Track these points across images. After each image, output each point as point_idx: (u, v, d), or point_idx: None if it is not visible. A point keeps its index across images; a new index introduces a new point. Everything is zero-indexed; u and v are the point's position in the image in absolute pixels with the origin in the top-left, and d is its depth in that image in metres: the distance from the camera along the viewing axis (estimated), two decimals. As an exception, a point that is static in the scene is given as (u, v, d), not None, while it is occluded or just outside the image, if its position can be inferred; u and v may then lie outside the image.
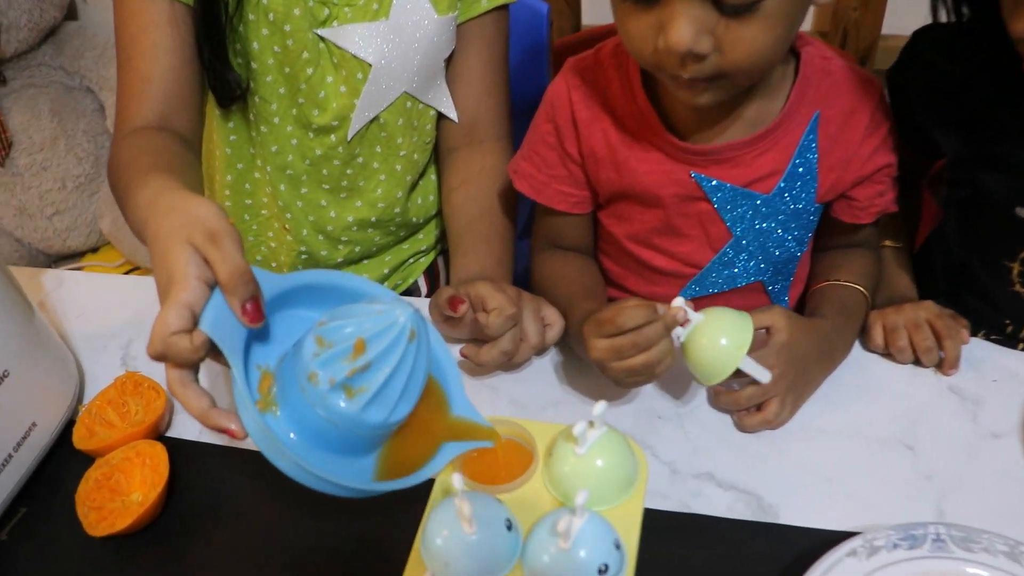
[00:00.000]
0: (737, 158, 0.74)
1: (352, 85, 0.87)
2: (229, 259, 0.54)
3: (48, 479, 0.73)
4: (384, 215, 0.98)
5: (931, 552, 0.58)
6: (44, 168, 1.79)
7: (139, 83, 0.80)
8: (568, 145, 0.80)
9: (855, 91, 0.74)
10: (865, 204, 0.78)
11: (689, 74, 0.63)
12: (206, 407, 0.54)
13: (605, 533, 0.53)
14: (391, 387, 0.52)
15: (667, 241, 0.80)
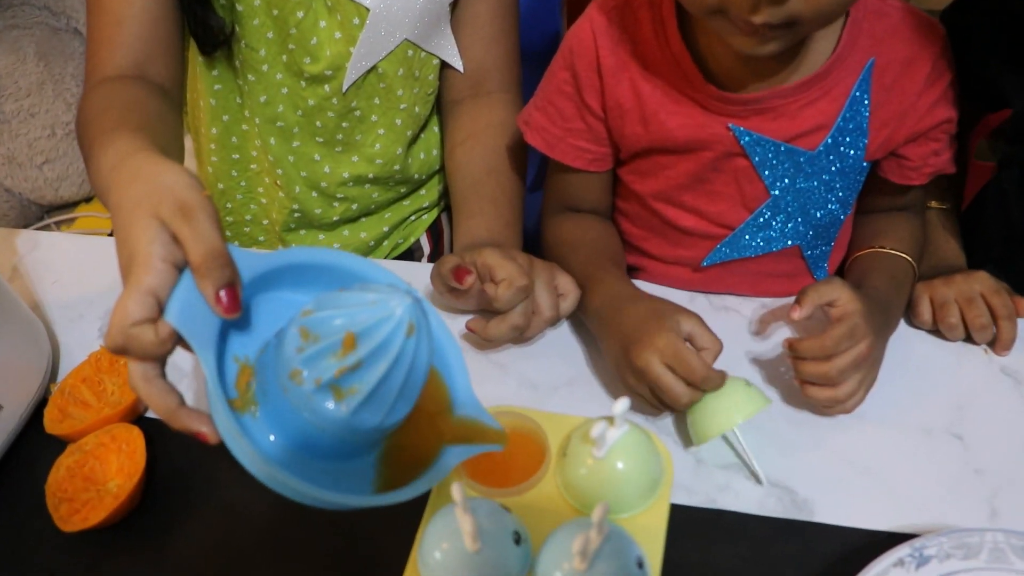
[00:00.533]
0: (780, 108, 0.67)
1: (348, 31, 0.80)
2: (203, 238, 0.47)
3: (17, 466, 0.68)
4: (383, 171, 0.91)
5: (988, 563, 0.52)
6: (32, 115, 1.73)
7: (110, 27, 0.72)
8: (589, 96, 0.72)
9: (915, 36, 0.67)
10: (918, 164, 0.71)
11: (762, 19, 0.55)
12: (173, 406, 0.48)
13: (627, 550, 0.47)
14: (386, 388, 0.45)
15: (697, 199, 0.74)
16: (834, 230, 0.77)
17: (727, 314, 0.74)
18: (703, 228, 0.75)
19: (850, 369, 0.61)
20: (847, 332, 0.61)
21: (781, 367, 0.69)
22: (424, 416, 0.51)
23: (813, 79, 0.66)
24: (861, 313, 0.61)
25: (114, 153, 0.55)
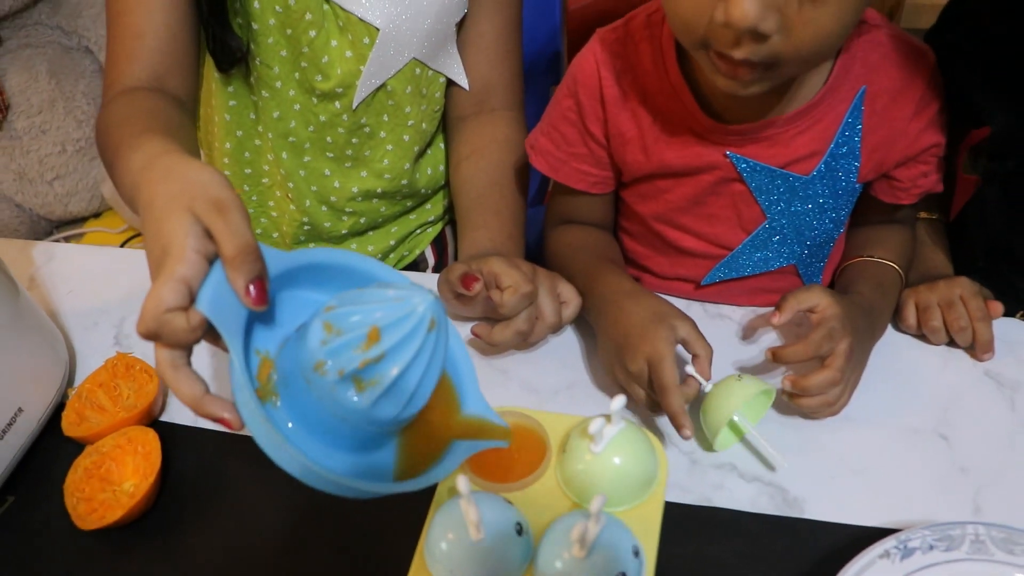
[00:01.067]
0: (775, 136, 0.69)
1: (358, 50, 0.83)
2: (236, 232, 0.49)
3: (36, 467, 0.70)
4: (390, 186, 0.94)
5: (969, 554, 0.54)
6: (43, 131, 1.76)
7: (130, 40, 0.75)
8: (592, 124, 0.75)
9: (905, 64, 0.69)
10: (908, 185, 0.73)
11: (743, 55, 0.57)
12: (199, 394, 0.49)
13: (623, 539, 0.49)
14: (406, 381, 0.47)
15: (696, 222, 0.76)
16: (827, 248, 0.79)
17: (721, 321, 0.77)
18: (703, 249, 0.78)
19: (838, 374, 0.63)
20: (826, 334, 0.63)
21: (770, 371, 0.72)
22: (435, 415, 0.53)
23: (806, 108, 0.68)
24: (839, 317, 0.64)
25: (144, 153, 0.58)
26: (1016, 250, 0.75)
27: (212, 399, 0.50)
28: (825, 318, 0.64)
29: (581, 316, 0.75)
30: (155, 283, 0.48)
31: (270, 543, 0.64)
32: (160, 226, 0.50)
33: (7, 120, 1.74)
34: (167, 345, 0.49)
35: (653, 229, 0.79)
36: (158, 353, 0.49)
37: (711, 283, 0.79)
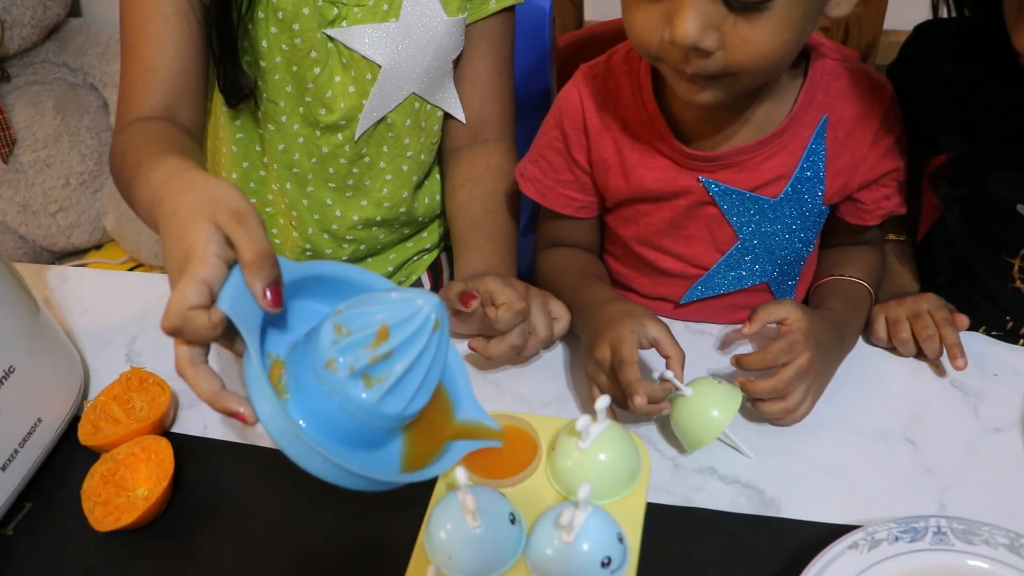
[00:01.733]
0: (744, 162, 0.74)
1: (361, 85, 0.87)
2: (255, 240, 0.53)
3: (53, 475, 0.73)
4: (389, 214, 0.98)
5: (932, 545, 0.58)
6: (48, 165, 1.80)
7: (144, 72, 0.78)
8: (576, 152, 0.80)
9: (865, 95, 0.74)
10: (871, 207, 0.78)
11: (692, 70, 0.63)
12: (216, 389, 0.53)
13: (608, 526, 0.53)
14: (410, 377, 0.51)
15: (674, 243, 0.81)
16: (798, 267, 0.84)
17: (701, 336, 0.81)
18: (681, 269, 0.82)
19: (794, 380, 0.68)
20: (786, 347, 0.67)
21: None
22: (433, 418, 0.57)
23: (772, 136, 0.73)
24: (803, 330, 0.68)
25: (166, 169, 0.62)
26: (975, 268, 0.80)
27: (228, 394, 0.53)
28: (791, 331, 0.68)
29: (571, 333, 0.79)
30: (179, 283, 0.51)
31: (277, 544, 0.67)
32: (183, 233, 0.53)
33: (13, 154, 1.78)
34: (188, 342, 0.52)
35: (635, 251, 0.83)
36: (178, 350, 0.53)
37: (689, 301, 0.84)
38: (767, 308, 0.69)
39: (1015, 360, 0.76)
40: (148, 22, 0.78)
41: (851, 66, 0.75)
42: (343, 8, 0.84)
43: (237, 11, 0.80)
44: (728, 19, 0.60)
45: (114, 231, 1.87)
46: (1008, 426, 0.71)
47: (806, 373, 0.68)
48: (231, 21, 0.80)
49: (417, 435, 0.57)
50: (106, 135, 1.87)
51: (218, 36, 0.81)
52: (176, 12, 0.78)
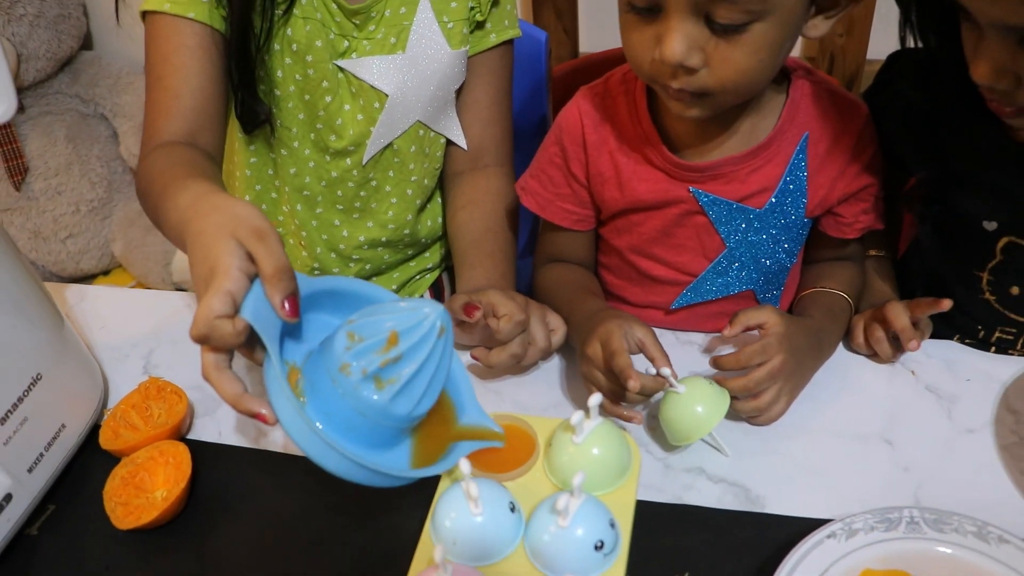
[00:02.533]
0: (731, 174, 0.79)
1: (369, 113, 0.92)
2: (274, 255, 0.57)
3: (75, 478, 0.77)
4: (394, 235, 1.02)
5: (905, 533, 0.62)
6: (59, 192, 1.85)
7: (168, 100, 0.83)
8: (575, 167, 0.85)
9: (842, 115, 0.80)
10: (851, 220, 0.83)
11: (679, 85, 0.68)
12: (239, 391, 0.57)
13: (601, 512, 0.57)
14: (419, 380, 0.55)
15: (665, 251, 0.85)
16: (782, 276, 0.88)
17: (690, 347, 0.85)
18: (671, 276, 0.87)
19: (765, 380, 0.72)
20: (759, 349, 0.72)
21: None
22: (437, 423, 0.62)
23: (757, 149, 0.78)
24: (779, 334, 0.72)
25: (191, 193, 0.67)
26: (948, 282, 0.84)
27: (250, 397, 0.58)
28: (767, 335, 0.72)
29: (567, 344, 0.83)
30: (205, 295, 0.56)
31: (288, 542, 0.70)
32: (208, 250, 0.58)
33: (26, 182, 1.83)
34: (214, 348, 0.57)
35: (628, 260, 0.88)
36: (204, 357, 0.58)
37: (679, 307, 0.88)
38: (747, 312, 0.74)
39: (987, 366, 0.81)
40: (173, 54, 0.82)
41: (828, 88, 0.80)
42: (353, 41, 0.89)
43: (255, 44, 0.85)
44: (711, 40, 0.66)
45: (122, 257, 1.91)
46: (980, 427, 0.75)
47: (778, 375, 0.72)
48: (250, 53, 0.85)
49: (424, 437, 0.61)
50: (116, 163, 1.92)
51: (237, 67, 0.85)
52: (200, 45, 0.83)
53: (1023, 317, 0.81)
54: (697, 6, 0.64)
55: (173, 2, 0.82)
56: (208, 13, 0.83)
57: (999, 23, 0.59)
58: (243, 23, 0.83)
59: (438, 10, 0.91)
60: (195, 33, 0.83)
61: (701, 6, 0.64)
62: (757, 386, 0.72)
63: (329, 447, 0.53)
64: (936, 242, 0.84)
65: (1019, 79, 0.62)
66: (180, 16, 0.82)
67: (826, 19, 0.70)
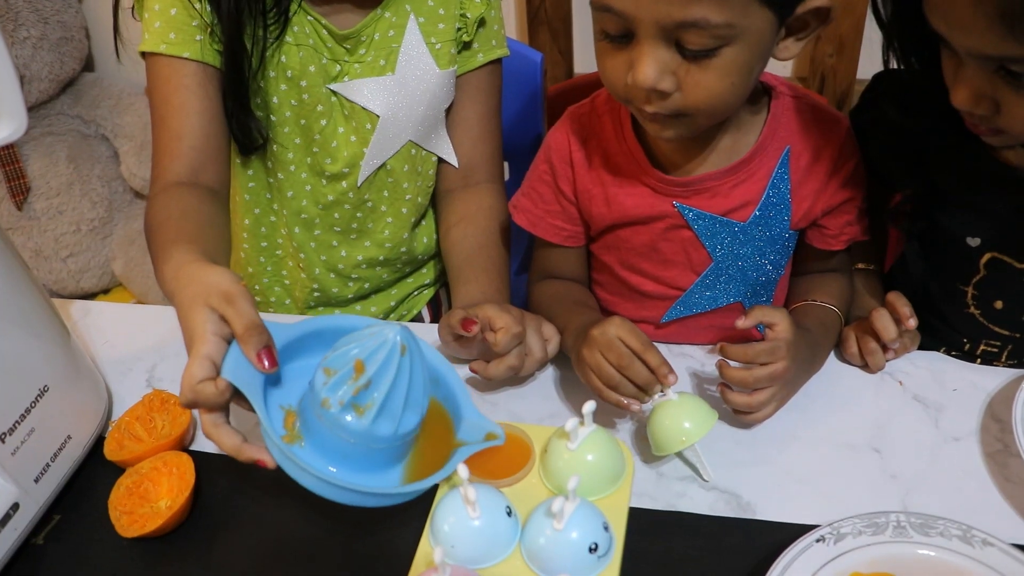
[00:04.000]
0: (715, 188, 0.81)
1: (361, 135, 0.95)
2: (243, 314, 0.62)
3: (80, 488, 0.78)
4: (391, 254, 1.05)
5: (892, 537, 0.64)
6: (60, 212, 1.87)
7: (171, 141, 0.86)
8: (563, 184, 0.87)
9: (823, 129, 0.82)
10: (835, 232, 0.85)
11: (653, 109, 0.71)
12: (239, 443, 0.62)
13: (595, 516, 0.59)
14: (393, 399, 0.59)
15: (653, 266, 0.87)
16: (770, 288, 0.90)
17: (683, 359, 0.87)
18: (660, 291, 0.89)
19: (764, 380, 0.73)
20: (769, 348, 0.73)
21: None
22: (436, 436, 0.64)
23: (739, 164, 0.80)
24: (788, 341, 0.74)
25: (174, 264, 0.71)
26: (934, 295, 0.86)
27: (249, 446, 0.63)
28: (777, 336, 0.74)
29: (561, 360, 0.85)
30: (187, 365, 0.61)
31: (289, 549, 0.72)
32: (187, 321, 0.64)
33: (27, 202, 1.86)
34: (205, 410, 0.62)
35: (619, 277, 0.90)
36: (202, 417, 0.63)
37: (669, 321, 0.90)
38: (764, 309, 0.75)
39: (972, 376, 0.83)
40: (173, 94, 0.86)
41: (809, 103, 0.83)
42: (345, 65, 0.92)
43: (248, 67, 0.87)
44: (683, 65, 0.68)
45: (123, 275, 1.93)
46: (966, 435, 0.77)
47: (778, 378, 0.74)
48: (243, 77, 0.88)
49: (424, 452, 0.64)
50: (116, 183, 1.95)
51: (231, 92, 0.88)
52: (198, 83, 0.86)
53: (1007, 330, 0.83)
54: (667, 32, 0.66)
55: (169, 43, 0.85)
56: (201, 50, 0.86)
57: (977, 52, 0.62)
58: (233, 48, 0.86)
59: (426, 32, 0.93)
60: (192, 72, 0.86)
61: (671, 32, 0.66)
62: (756, 383, 0.73)
63: (323, 481, 0.57)
64: (922, 258, 0.86)
65: (997, 105, 0.64)
66: (176, 56, 0.85)
67: (796, 41, 0.72)
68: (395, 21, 0.92)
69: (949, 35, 0.63)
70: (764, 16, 0.66)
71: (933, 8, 0.63)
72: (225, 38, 0.86)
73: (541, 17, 1.74)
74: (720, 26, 0.64)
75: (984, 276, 0.81)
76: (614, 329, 0.73)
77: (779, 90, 0.82)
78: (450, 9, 0.94)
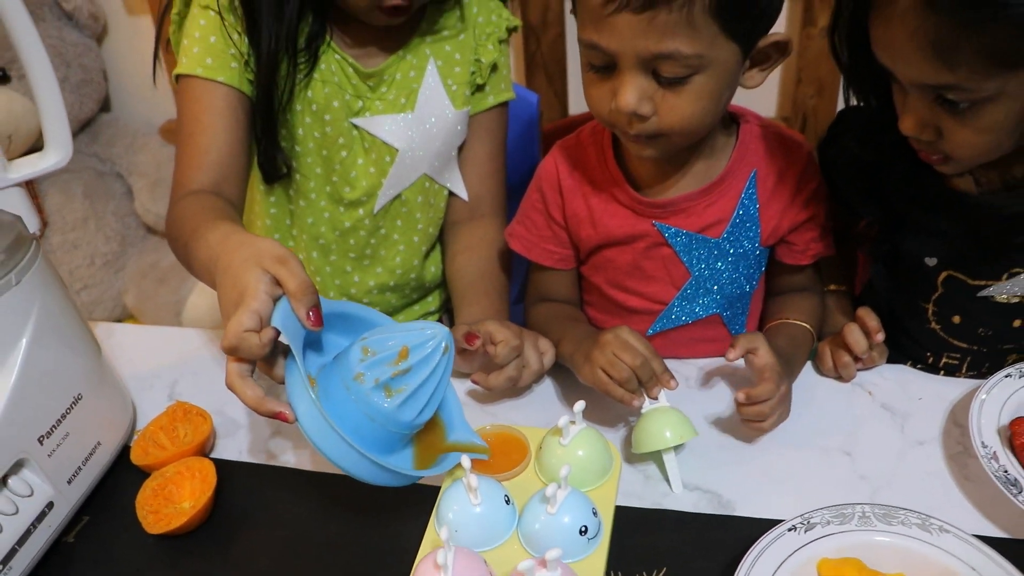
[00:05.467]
0: (690, 208, 0.89)
1: (380, 166, 1.02)
2: (297, 275, 0.66)
3: (107, 492, 0.84)
4: (401, 280, 1.12)
5: (858, 526, 0.70)
6: (75, 246, 1.94)
7: (198, 154, 0.92)
8: (553, 210, 0.95)
9: (786, 154, 0.90)
10: (802, 248, 0.93)
11: (634, 131, 0.79)
12: (261, 395, 0.66)
13: (584, 502, 0.65)
14: (423, 390, 0.64)
15: (637, 283, 0.95)
16: (745, 301, 0.97)
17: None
18: (645, 306, 0.96)
19: (777, 406, 0.80)
20: (777, 379, 0.80)
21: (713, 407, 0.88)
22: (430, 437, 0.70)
23: (711, 186, 0.88)
24: (773, 366, 0.80)
25: (221, 232, 0.76)
26: (898, 313, 0.93)
27: (271, 400, 0.66)
28: (767, 364, 0.80)
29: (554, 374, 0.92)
30: (235, 313, 0.65)
31: (303, 546, 0.77)
32: (237, 279, 0.67)
33: (44, 236, 1.92)
34: (240, 359, 0.65)
35: (607, 295, 0.97)
36: (230, 366, 0.66)
37: (654, 334, 0.97)
38: (746, 337, 0.82)
39: (936, 387, 0.89)
40: (204, 113, 0.92)
41: (773, 130, 0.91)
42: (367, 101, 0.99)
43: (278, 102, 0.95)
44: (659, 91, 0.76)
45: (134, 308, 2.00)
46: (929, 440, 0.83)
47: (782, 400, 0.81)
48: (274, 110, 0.95)
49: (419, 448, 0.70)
50: (130, 219, 2.02)
51: (261, 123, 0.96)
52: (228, 106, 0.93)
53: (965, 343, 0.90)
54: (646, 63, 0.74)
55: (206, 67, 0.92)
56: (237, 77, 0.93)
57: (917, 82, 0.70)
58: (268, 84, 0.93)
59: (443, 74, 1.01)
60: (224, 95, 0.93)
61: (649, 63, 0.74)
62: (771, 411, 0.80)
63: (341, 440, 0.61)
64: (887, 278, 0.93)
65: (939, 131, 0.72)
66: (211, 80, 0.92)
67: (761, 71, 0.81)
68: (415, 63, 1.00)
69: (893, 67, 0.70)
70: (730, 48, 0.75)
71: (878, 44, 0.70)
72: (261, 74, 0.93)
73: (538, 61, 1.84)
74: (691, 56, 0.73)
75: (942, 293, 0.88)
76: (626, 334, 0.81)
77: (747, 118, 0.90)
78: (466, 54, 1.02)
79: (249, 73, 0.94)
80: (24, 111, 1.76)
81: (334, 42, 0.97)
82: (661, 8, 0.71)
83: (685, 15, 0.71)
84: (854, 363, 0.89)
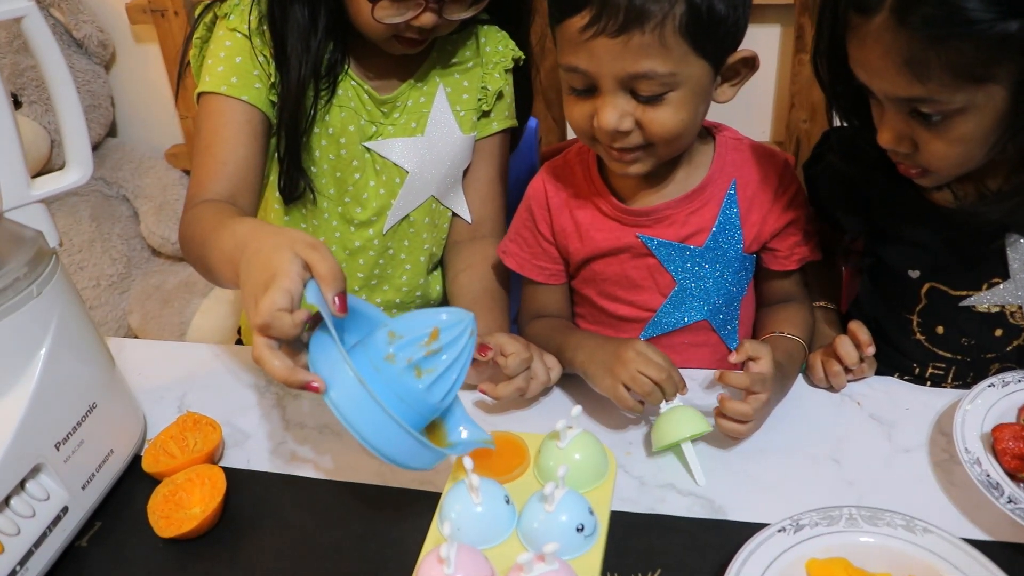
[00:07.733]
0: (671, 217, 0.93)
1: (390, 188, 1.06)
2: (328, 260, 0.69)
3: (119, 499, 0.87)
4: (407, 297, 1.15)
5: (845, 527, 0.72)
6: (81, 268, 1.97)
7: (216, 165, 0.96)
8: (542, 227, 0.99)
9: (763, 163, 0.95)
10: (787, 253, 0.97)
11: (618, 146, 0.83)
12: (290, 366, 0.66)
13: (581, 502, 0.68)
14: (452, 370, 0.67)
15: (626, 292, 0.98)
16: (733, 307, 1.00)
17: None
18: (634, 314, 0.99)
19: (754, 408, 0.83)
20: (760, 379, 0.83)
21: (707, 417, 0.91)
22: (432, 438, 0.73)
23: (692, 195, 0.92)
24: (771, 374, 0.84)
25: (248, 224, 0.79)
26: (884, 325, 0.96)
27: (300, 370, 0.67)
28: (763, 370, 0.83)
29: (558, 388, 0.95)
30: (268, 292, 0.66)
31: (311, 550, 0.79)
32: (269, 261, 0.69)
33: (53, 257, 1.95)
34: (271, 337, 0.67)
35: (598, 306, 1.01)
36: (257, 339, 0.67)
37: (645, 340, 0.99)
38: (751, 343, 0.85)
39: (922, 397, 0.92)
40: (224, 128, 0.96)
41: (748, 142, 0.96)
42: (380, 126, 1.04)
43: (304, 125, 0.99)
44: (639, 108, 0.81)
45: (139, 328, 2.03)
46: (916, 447, 0.86)
47: (763, 406, 0.84)
48: (299, 133, 0.99)
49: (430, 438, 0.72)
50: (135, 241, 2.06)
51: (287, 145, 0.99)
52: (248, 122, 0.97)
53: (950, 353, 0.93)
54: (624, 83, 0.79)
55: (230, 85, 0.96)
56: (260, 98, 0.97)
57: (892, 96, 0.73)
58: (295, 109, 0.97)
59: (452, 100, 1.06)
60: (245, 112, 0.97)
61: (627, 83, 0.79)
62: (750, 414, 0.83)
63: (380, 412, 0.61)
64: (872, 291, 0.97)
65: (915, 144, 0.76)
66: (235, 97, 0.96)
67: (731, 86, 0.86)
68: (426, 90, 1.05)
69: (870, 83, 0.74)
70: (701, 65, 0.80)
71: (856, 62, 0.75)
72: (288, 100, 0.97)
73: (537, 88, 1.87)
74: (665, 75, 0.78)
75: (925, 305, 0.91)
76: (645, 348, 0.85)
77: (721, 130, 0.95)
78: (473, 82, 1.07)
79: (272, 95, 0.98)
80: (35, 136, 1.80)
81: (351, 70, 1.01)
82: (635, 31, 0.76)
83: (657, 36, 0.76)
84: (844, 373, 0.92)
